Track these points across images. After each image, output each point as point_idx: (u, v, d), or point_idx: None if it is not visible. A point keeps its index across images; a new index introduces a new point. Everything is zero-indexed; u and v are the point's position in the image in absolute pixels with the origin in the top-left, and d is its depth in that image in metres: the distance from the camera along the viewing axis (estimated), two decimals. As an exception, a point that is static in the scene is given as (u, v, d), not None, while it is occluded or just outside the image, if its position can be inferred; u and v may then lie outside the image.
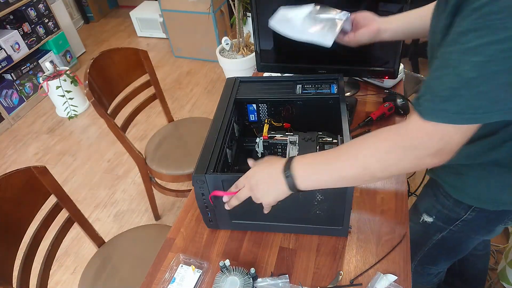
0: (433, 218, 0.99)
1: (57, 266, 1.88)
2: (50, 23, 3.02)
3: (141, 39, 3.77)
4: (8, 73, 2.75)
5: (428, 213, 1.00)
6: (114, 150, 2.53)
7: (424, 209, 1.01)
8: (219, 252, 0.95)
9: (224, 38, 2.66)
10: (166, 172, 1.62)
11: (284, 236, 0.97)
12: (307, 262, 0.90)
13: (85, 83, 1.41)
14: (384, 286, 0.82)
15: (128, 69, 1.63)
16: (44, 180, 1.08)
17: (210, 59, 3.24)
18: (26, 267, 1.06)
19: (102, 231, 2.01)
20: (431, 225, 1.00)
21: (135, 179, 2.29)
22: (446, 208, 0.94)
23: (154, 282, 0.90)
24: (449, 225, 0.96)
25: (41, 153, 2.58)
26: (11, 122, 2.84)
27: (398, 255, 0.89)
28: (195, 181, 0.86)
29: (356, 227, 0.97)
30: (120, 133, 1.51)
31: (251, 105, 1.09)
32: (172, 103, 2.86)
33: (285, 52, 1.34)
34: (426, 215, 1.00)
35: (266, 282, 0.85)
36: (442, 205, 0.95)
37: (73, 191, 2.27)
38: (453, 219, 0.94)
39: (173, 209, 2.10)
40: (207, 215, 0.96)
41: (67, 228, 1.19)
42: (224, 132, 0.96)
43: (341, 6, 1.18)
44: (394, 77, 1.27)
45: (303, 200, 0.87)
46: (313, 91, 1.05)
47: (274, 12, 1.01)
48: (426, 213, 1.00)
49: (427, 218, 1.00)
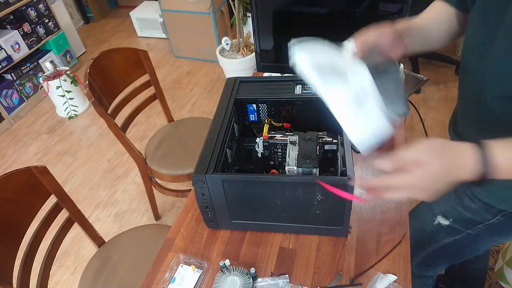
0: (449, 221, 0.94)
1: (57, 266, 1.88)
2: (50, 23, 3.02)
3: (141, 39, 3.77)
4: (8, 73, 2.75)
5: (445, 216, 0.95)
6: (114, 150, 2.53)
7: (441, 211, 0.96)
8: (219, 252, 0.95)
9: (224, 38, 2.66)
10: (166, 172, 1.62)
11: (284, 236, 0.97)
12: (307, 262, 0.90)
13: (85, 83, 1.41)
14: (384, 286, 0.82)
15: (128, 69, 1.63)
16: (44, 180, 1.08)
17: (210, 59, 3.24)
18: (26, 267, 1.06)
19: (102, 231, 2.01)
20: (446, 228, 0.95)
21: (135, 179, 2.29)
22: (470, 211, 0.89)
23: (154, 282, 0.90)
24: (467, 229, 0.92)
25: (41, 153, 2.58)
26: (11, 122, 2.84)
27: (398, 255, 0.89)
28: (195, 181, 0.86)
29: (356, 227, 0.97)
30: (120, 133, 1.51)
31: (251, 105, 1.09)
32: (172, 103, 2.86)
33: (285, 52, 1.34)
34: (442, 218, 0.95)
35: (266, 282, 0.85)
36: (466, 208, 0.89)
37: (73, 191, 2.27)
38: (476, 222, 0.89)
39: (173, 209, 2.10)
40: (207, 215, 0.96)
41: (67, 228, 1.19)
42: (224, 132, 0.96)
43: (341, 6, 1.19)
44: (394, 77, 1.27)
45: (303, 200, 0.87)
46: (313, 91, 1.05)
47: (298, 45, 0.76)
48: (443, 215, 0.95)
49: (442, 221, 0.95)
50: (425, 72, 2.81)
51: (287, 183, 0.85)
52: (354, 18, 1.20)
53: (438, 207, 0.98)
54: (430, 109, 2.51)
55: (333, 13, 1.20)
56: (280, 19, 1.25)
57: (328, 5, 1.19)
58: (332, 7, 1.19)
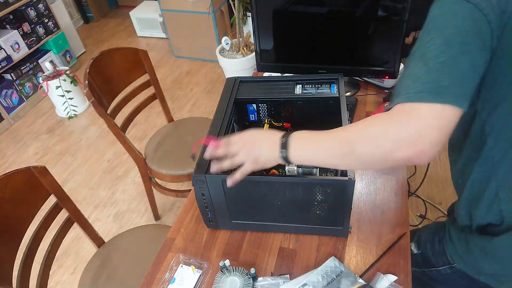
0: (419, 251, 0.99)
1: (57, 266, 1.88)
2: (50, 23, 3.02)
3: (141, 39, 3.77)
4: (8, 73, 2.75)
5: (418, 244, 0.99)
6: (114, 150, 2.53)
7: (418, 238, 1.00)
8: (219, 252, 0.95)
9: (224, 38, 2.66)
10: (166, 172, 1.62)
11: (284, 236, 0.97)
12: (307, 262, 0.90)
13: (85, 83, 1.41)
14: (384, 286, 0.82)
15: (128, 69, 1.63)
16: (44, 180, 1.08)
17: (210, 59, 3.24)
18: (26, 267, 1.06)
19: (102, 231, 2.01)
20: (414, 255, 0.99)
21: (135, 179, 2.29)
22: (432, 250, 0.94)
23: (154, 282, 0.90)
24: (425, 267, 0.97)
25: (41, 153, 2.58)
26: (11, 122, 2.84)
27: (398, 255, 0.89)
28: (195, 181, 0.86)
29: (356, 227, 0.96)
30: (120, 133, 1.51)
31: (251, 105, 1.08)
32: (172, 103, 2.86)
33: (285, 52, 1.34)
34: (414, 245, 1.00)
35: (266, 282, 0.85)
36: (432, 246, 0.95)
37: (73, 191, 2.27)
38: (431, 264, 0.95)
39: (173, 209, 2.10)
40: (207, 215, 0.95)
41: (67, 228, 1.19)
42: (224, 132, 0.96)
43: (340, 6, 1.19)
44: (394, 77, 1.27)
45: (303, 200, 0.87)
46: (313, 91, 1.05)
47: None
48: (416, 243, 0.99)
49: (414, 248, 0.99)
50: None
51: (287, 183, 0.85)
52: (354, 18, 1.20)
53: (419, 235, 1.01)
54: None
55: (333, 13, 1.20)
56: (280, 19, 1.25)
57: (328, 5, 1.19)
58: (332, 7, 1.19)
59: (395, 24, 1.16)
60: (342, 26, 1.23)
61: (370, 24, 1.20)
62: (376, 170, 1.10)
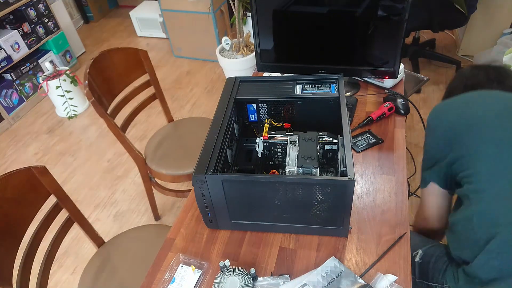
0: (420, 261, 1.03)
1: (57, 266, 1.88)
2: (50, 23, 3.02)
3: (141, 39, 3.77)
4: (8, 73, 2.75)
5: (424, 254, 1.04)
6: (114, 150, 2.53)
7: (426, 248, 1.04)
8: (219, 252, 0.95)
9: (224, 38, 2.66)
10: (166, 172, 1.62)
11: (284, 236, 0.97)
12: (307, 262, 0.90)
13: (85, 83, 1.41)
14: (384, 286, 0.82)
15: (128, 69, 1.63)
16: (44, 180, 1.08)
17: (210, 59, 3.24)
18: (26, 267, 1.06)
19: (102, 231, 2.01)
20: (414, 263, 1.04)
21: (135, 179, 2.29)
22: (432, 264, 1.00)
23: (154, 282, 0.90)
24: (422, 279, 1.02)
25: (41, 153, 2.58)
26: (11, 122, 2.84)
27: (398, 255, 0.89)
28: (195, 181, 0.86)
29: (356, 227, 0.96)
30: (120, 133, 1.51)
31: (251, 105, 1.09)
32: (172, 103, 2.86)
33: (285, 52, 1.34)
34: (419, 255, 1.04)
35: (266, 282, 0.85)
36: (436, 261, 1.00)
37: (73, 191, 2.27)
38: (428, 277, 1.00)
39: (173, 209, 2.10)
40: (207, 215, 0.95)
41: (67, 228, 1.19)
42: (224, 132, 0.96)
43: (340, 6, 1.19)
44: (395, 77, 1.27)
45: (303, 200, 0.87)
46: (313, 91, 1.05)
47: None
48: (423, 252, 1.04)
49: (417, 257, 1.04)
50: (426, 72, 2.81)
51: (287, 183, 0.85)
52: (354, 18, 1.20)
53: (431, 247, 1.04)
54: (430, 109, 2.49)
55: (333, 13, 1.20)
56: (280, 19, 1.25)
57: (328, 5, 1.19)
58: (332, 7, 1.19)
59: (395, 24, 1.16)
60: (342, 26, 1.23)
61: (370, 24, 1.20)
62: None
